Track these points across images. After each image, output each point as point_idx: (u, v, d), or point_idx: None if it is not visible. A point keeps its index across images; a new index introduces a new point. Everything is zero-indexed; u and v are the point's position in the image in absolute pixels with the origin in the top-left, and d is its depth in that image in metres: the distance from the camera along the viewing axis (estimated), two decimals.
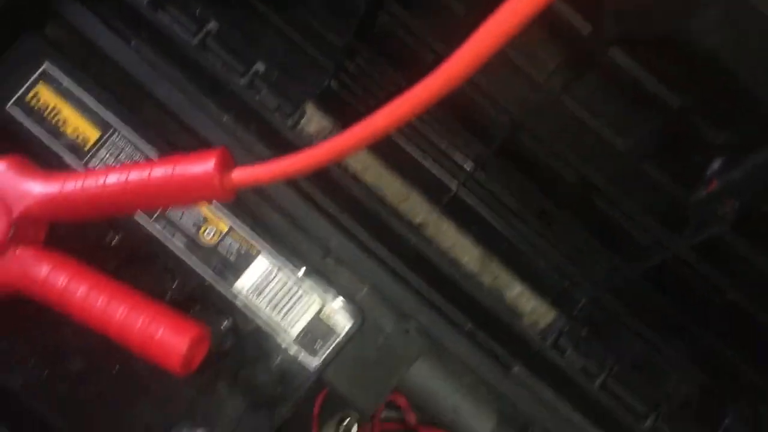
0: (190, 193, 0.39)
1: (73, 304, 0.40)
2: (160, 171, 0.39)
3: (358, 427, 0.63)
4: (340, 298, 0.48)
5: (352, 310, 0.48)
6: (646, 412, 0.46)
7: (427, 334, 0.51)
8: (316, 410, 0.61)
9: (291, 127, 0.45)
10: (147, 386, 0.47)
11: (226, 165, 0.38)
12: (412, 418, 0.64)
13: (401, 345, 0.52)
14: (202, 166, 0.38)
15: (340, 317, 0.48)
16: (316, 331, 0.48)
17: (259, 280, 0.47)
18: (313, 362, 0.48)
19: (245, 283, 0.47)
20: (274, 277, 0.47)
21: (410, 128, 0.45)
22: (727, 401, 0.45)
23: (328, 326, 0.47)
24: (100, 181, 0.40)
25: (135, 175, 0.39)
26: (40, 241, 0.43)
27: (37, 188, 0.41)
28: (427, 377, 0.62)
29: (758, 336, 0.39)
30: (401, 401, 0.64)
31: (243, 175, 0.38)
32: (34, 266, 0.41)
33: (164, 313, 0.40)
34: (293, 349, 0.47)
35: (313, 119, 0.47)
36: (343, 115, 0.47)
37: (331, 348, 0.48)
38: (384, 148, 0.46)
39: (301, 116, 0.47)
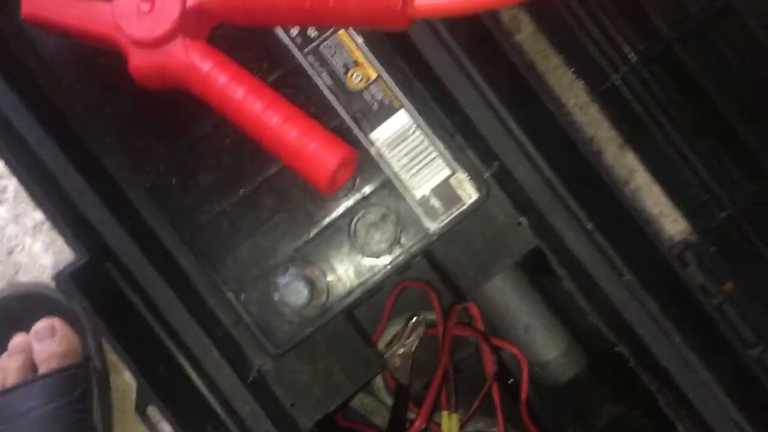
0: (371, 14, 0.38)
1: (231, 103, 0.40)
2: None
3: (426, 326, 0.63)
4: (470, 170, 0.47)
5: (478, 183, 0.47)
6: (755, 342, 0.45)
7: (539, 231, 0.51)
8: (390, 301, 0.61)
9: None
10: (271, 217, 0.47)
11: None
12: (481, 327, 0.64)
13: (511, 236, 0.52)
14: None
15: (467, 188, 0.47)
16: (442, 196, 0.47)
17: (397, 134, 0.47)
18: (433, 226, 0.47)
19: (382, 134, 0.47)
20: (411, 134, 0.47)
21: (584, 8, 0.44)
22: None
23: (454, 194, 0.47)
24: None
25: None
26: (202, 41, 0.43)
27: None
28: (506, 291, 0.62)
29: None
30: (474, 310, 0.64)
31: (425, 3, 0.38)
32: (200, 58, 0.41)
33: (317, 128, 0.40)
34: (417, 209, 0.47)
35: None
36: None
37: (452, 216, 0.47)
38: (552, 23, 0.45)
39: None
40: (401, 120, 0.47)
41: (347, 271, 0.47)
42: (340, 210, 0.47)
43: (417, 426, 0.56)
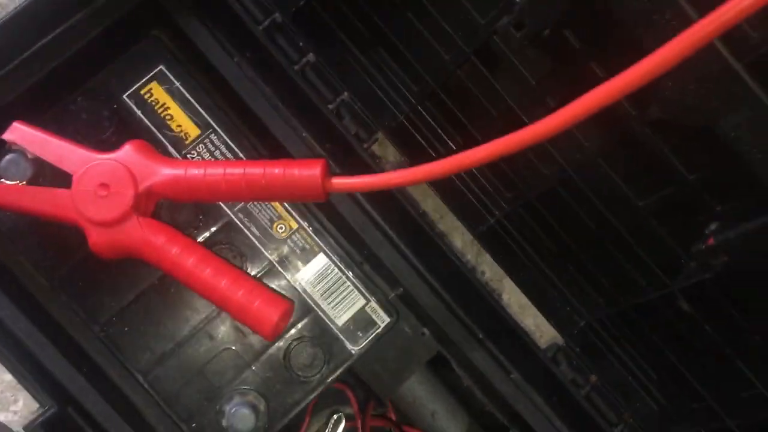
0: (295, 192, 0.48)
1: (183, 270, 0.48)
2: (273, 169, 0.48)
3: (346, 422, 0.71)
4: (381, 297, 0.57)
5: (389, 308, 0.57)
6: (616, 422, 0.57)
7: (440, 339, 0.61)
8: (312, 402, 0.69)
9: (364, 150, 0.55)
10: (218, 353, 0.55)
11: (326, 173, 0.48)
12: (392, 416, 0.74)
13: (417, 345, 0.61)
14: (309, 171, 0.47)
15: (380, 313, 0.57)
16: (360, 322, 0.57)
17: (317, 273, 0.56)
18: (354, 348, 0.56)
19: (305, 274, 0.56)
20: (330, 273, 0.56)
21: (467, 174, 0.55)
22: (684, 420, 0.56)
23: (370, 319, 0.57)
24: (221, 170, 0.48)
25: (251, 170, 0.48)
26: (149, 215, 0.51)
27: (162, 169, 0.49)
28: (414, 385, 0.72)
29: (723, 371, 0.50)
30: (387, 402, 0.74)
31: (341, 182, 0.47)
32: (153, 233, 0.49)
33: (258, 286, 0.49)
34: (339, 335, 0.56)
35: (383, 146, 0.56)
36: (408, 147, 0.57)
37: (370, 338, 0.57)
38: (441, 184, 0.56)
39: (374, 142, 0.56)
40: (320, 262, 0.56)
41: (285, 394, 0.55)
42: (277, 343, 0.56)
43: None
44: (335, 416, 0.71)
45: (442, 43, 0.52)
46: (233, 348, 0.55)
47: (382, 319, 0.57)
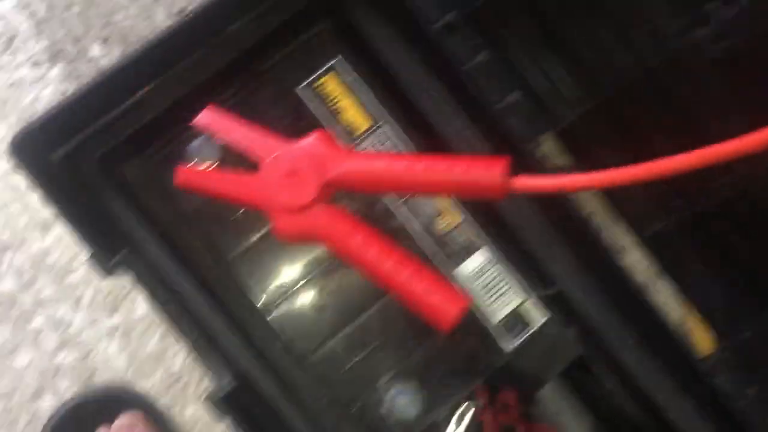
0: (475, 189, 0.48)
1: (364, 260, 0.50)
2: (455, 165, 0.49)
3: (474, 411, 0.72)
4: (537, 296, 0.58)
5: (544, 307, 0.58)
6: None
7: (584, 340, 0.62)
8: None
9: (528, 152, 0.56)
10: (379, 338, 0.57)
11: (508, 171, 0.48)
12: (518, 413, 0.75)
13: (561, 346, 0.62)
14: (492, 169, 0.48)
15: (535, 312, 0.57)
16: (514, 321, 0.57)
17: (477, 269, 0.57)
18: (508, 346, 0.57)
19: (465, 269, 0.57)
20: (489, 269, 0.57)
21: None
22: None
23: (525, 318, 0.57)
24: (403, 164, 0.49)
25: (434, 165, 0.49)
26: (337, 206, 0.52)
27: (347, 160, 0.50)
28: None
29: None
30: (509, 398, 0.74)
31: (526, 182, 0.48)
32: (337, 222, 0.50)
33: (438, 280, 0.50)
34: (492, 333, 0.57)
35: (549, 149, 0.57)
36: (575, 152, 0.57)
37: (524, 337, 0.57)
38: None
39: (540, 144, 0.57)
40: (481, 258, 0.57)
41: (442, 385, 0.57)
42: (435, 335, 0.57)
43: None
44: (464, 405, 0.73)
45: (623, 49, 0.52)
46: (396, 334, 0.57)
47: (537, 319, 0.57)
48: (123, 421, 0.71)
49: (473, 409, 0.72)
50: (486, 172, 0.48)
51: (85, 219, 0.54)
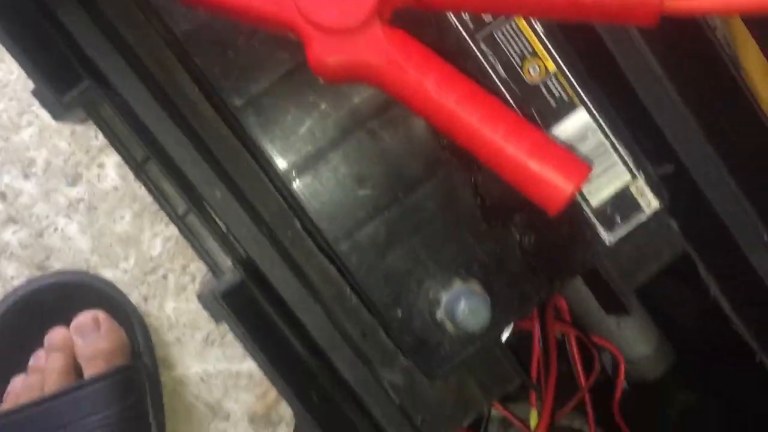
0: (621, 11, 0.33)
1: (442, 109, 0.34)
2: None
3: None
4: (650, 174, 0.43)
5: (659, 190, 0.43)
6: None
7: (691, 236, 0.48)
8: None
9: None
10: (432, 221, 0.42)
11: None
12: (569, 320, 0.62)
13: (661, 240, 0.48)
14: None
15: (647, 195, 0.43)
16: (621, 204, 0.43)
17: (575, 134, 0.42)
18: (608, 237, 0.43)
19: (559, 133, 0.42)
20: (591, 136, 0.42)
21: None
22: None
23: (634, 202, 0.43)
24: None
25: None
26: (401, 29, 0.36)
27: None
28: None
29: None
30: (562, 304, 0.61)
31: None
32: (403, 52, 0.34)
33: (547, 141, 0.35)
34: (591, 219, 0.43)
35: None
36: None
37: (631, 226, 0.43)
38: None
39: None
40: (580, 119, 0.42)
41: (514, 286, 0.43)
42: (509, 217, 0.42)
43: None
44: None
45: None
46: (455, 217, 0.42)
47: (648, 203, 0.43)
48: (84, 318, 0.57)
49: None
50: None
51: (34, 42, 0.38)
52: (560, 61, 0.41)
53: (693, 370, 0.63)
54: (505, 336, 0.52)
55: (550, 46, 0.41)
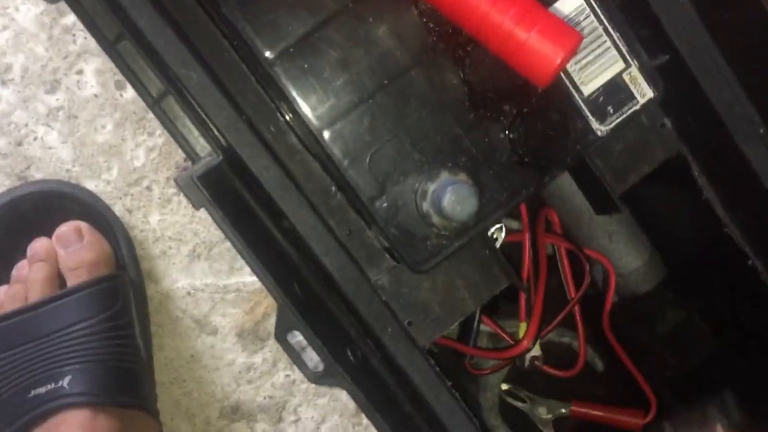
0: None
1: None
2: None
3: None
4: (644, 62, 0.41)
5: (655, 79, 0.42)
6: None
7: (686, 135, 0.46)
8: None
9: None
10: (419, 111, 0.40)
11: None
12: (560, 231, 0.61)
13: (654, 140, 0.47)
14: None
15: (642, 84, 0.41)
16: (613, 93, 0.41)
17: (572, 14, 0.40)
18: (602, 128, 0.42)
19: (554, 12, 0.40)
20: (583, 19, 0.40)
21: None
22: None
23: (627, 91, 0.41)
24: None
25: None
26: None
27: None
28: None
29: None
30: (554, 217, 0.60)
31: None
32: None
33: (538, 7, 0.33)
34: (582, 108, 0.41)
35: None
36: None
37: (623, 116, 0.42)
38: None
39: None
40: (572, 2, 0.40)
41: (503, 179, 0.41)
42: (498, 106, 0.41)
43: (525, 345, 0.52)
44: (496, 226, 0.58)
45: None
46: (442, 106, 0.40)
47: (642, 93, 0.42)
48: (67, 228, 0.55)
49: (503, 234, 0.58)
50: None
51: None
52: None
53: (684, 285, 0.62)
54: (498, 242, 0.51)
55: None
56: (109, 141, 0.59)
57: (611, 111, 0.41)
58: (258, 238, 0.37)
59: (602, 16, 0.40)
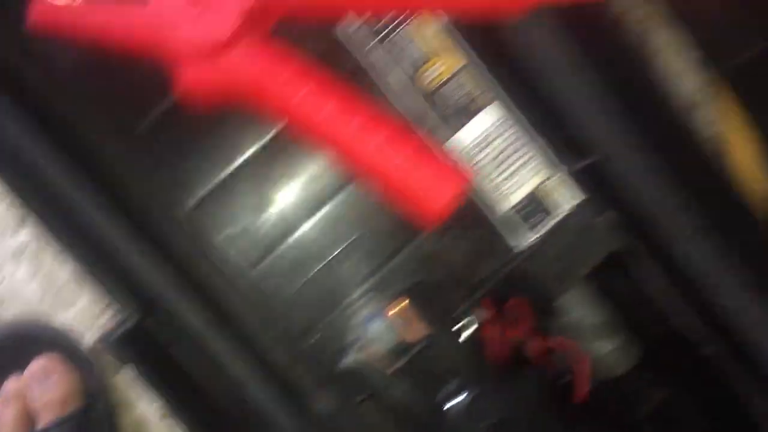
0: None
1: (319, 120, 0.33)
2: None
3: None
4: (565, 170, 0.41)
5: (577, 187, 0.42)
6: None
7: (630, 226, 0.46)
8: None
9: None
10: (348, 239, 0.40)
11: None
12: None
13: (593, 236, 0.46)
14: None
15: (566, 193, 0.41)
16: (534, 206, 0.41)
17: (482, 135, 0.41)
18: (527, 238, 0.41)
19: (465, 136, 0.41)
20: (499, 136, 0.41)
21: None
22: None
23: (549, 202, 0.41)
24: None
25: None
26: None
27: None
28: None
29: None
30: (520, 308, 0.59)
31: None
32: (275, 65, 0.33)
33: (425, 148, 0.33)
34: (508, 220, 0.41)
35: None
36: None
37: (548, 226, 0.42)
38: None
39: None
40: (491, 117, 0.40)
41: (431, 300, 0.41)
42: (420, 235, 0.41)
43: None
44: (465, 319, 0.57)
45: None
46: (369, 236, 0.40)
47: (566, 202, 0.41)
48: (36, 366, 0.56)
49: (475, 325, 0.57)
50: None
51: None
52: (463, 60, 0.40)
53: (660, 364, 0.61)
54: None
55: (454, 45, 0.40)
56: (76, 274, 0.60)
57: (531, 226, 0.41)
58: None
59: (518, 130, 0.40)
